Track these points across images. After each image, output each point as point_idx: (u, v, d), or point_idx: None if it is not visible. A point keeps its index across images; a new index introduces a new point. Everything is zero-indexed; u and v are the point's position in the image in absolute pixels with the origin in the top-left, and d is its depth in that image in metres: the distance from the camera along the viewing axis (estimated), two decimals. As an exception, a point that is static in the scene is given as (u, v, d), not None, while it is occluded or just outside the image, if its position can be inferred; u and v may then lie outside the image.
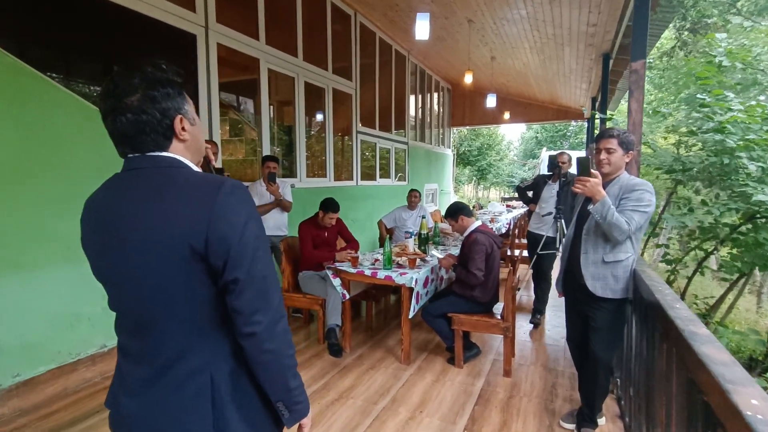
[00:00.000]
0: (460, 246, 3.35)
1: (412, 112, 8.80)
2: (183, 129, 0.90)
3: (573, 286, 2.27)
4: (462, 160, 22.23)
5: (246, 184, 4.08)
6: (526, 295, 5.02)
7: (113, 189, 0.88)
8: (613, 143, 2.07)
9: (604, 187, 2.02)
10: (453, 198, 12.34)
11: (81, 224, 0.92)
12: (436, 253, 3.64)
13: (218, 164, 3.85)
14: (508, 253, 5.71)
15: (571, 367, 3.05)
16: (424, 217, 3.94)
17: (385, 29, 7.03)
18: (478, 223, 3.17)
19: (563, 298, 2.44)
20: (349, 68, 6.21)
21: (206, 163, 1.20)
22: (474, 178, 25.14)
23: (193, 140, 0.94)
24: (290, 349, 0.91)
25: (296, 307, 3.84)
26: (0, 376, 2.38)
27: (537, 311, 4.01)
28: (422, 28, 4.12)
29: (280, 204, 3.92)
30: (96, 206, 0.90)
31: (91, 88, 3.22)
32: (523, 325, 3.97)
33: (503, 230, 6.28)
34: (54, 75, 2.82)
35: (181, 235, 0.80)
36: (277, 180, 3.95)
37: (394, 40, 7.48)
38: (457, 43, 7.19)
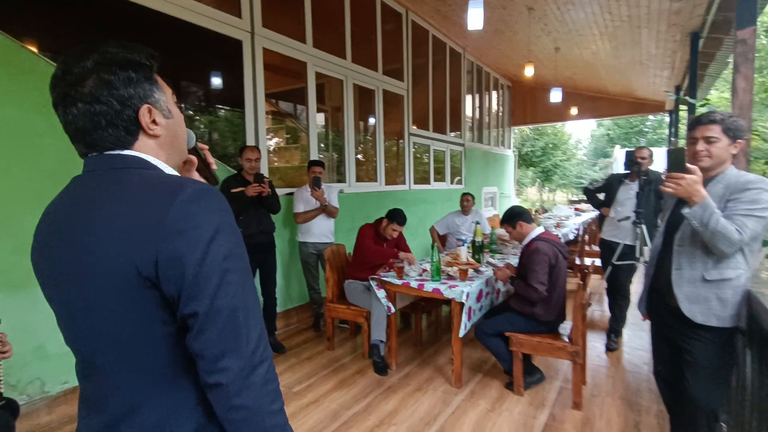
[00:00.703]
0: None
1: (468, 112, 8.39)
2: (153, 122, 0.73)
3: (661, 308, 1.84)
4: (525, 161, 21.13)
5: (293, 189, 4.01)
6: (599, 310, 4.45)
7: (66, 197, 0.73)
8: (714, 130, 1.63)
9: (704, 186, 1.59)
10: (514, 202, 11.67)
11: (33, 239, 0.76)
12: (492, 263, 3.29)
13: (263, 171, 3.79)
14: (577, 261, 5.13)
15: (658, 402, 2.55)
16: (478, 222, 3.59)
17: (438, 26, 6.74)
18: (539, 230, 2.78)
19: (647, 321, 2.00)
20: (401, 69, 6.00)
21: (205, 167, 0.99)
22: (538, 180, 23.82)
23: (169, 137, 0.77)
24: (273, 403, 0.68)
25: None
26: (49, 383, 2.43)
27: (613, 332, 3.48)
28: (475, 17, 3.78)
29: (326, 210, 3.78)
30: (47, 217, 0.74)
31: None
32: (596, 346, 3.46)
33: (571, 236, 5.69)
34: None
35: (125, 256, 0.63)
36: (324, 185, 3.81)
37: (448, 37, 7.16)
38: (516, 34, 6.70)
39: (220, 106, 5.62)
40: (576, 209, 8.08)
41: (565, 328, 2.74)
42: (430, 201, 6.76)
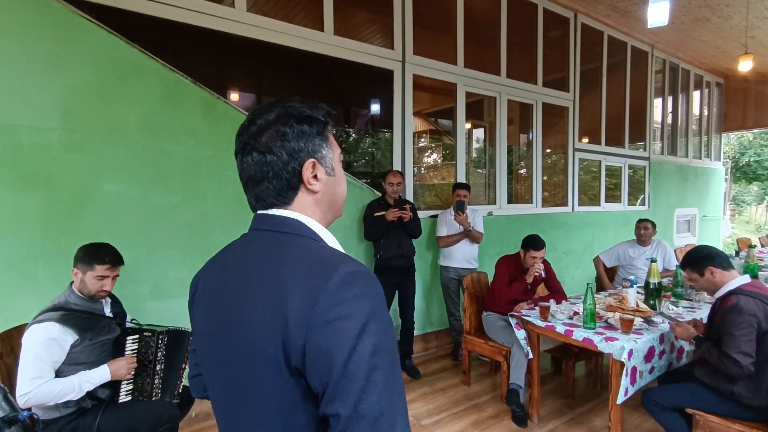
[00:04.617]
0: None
1: (657, 118, 7.03)
2: (314, 177, 0.73)
3: None
4: (744, 174, 16.61)
5: (437, 212, 3.98)
6: None
7: (231, 257, 0.76)
8: None
9: None
10: (724, 226, 9.22)
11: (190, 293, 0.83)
12: (670, 315, 2.62)
13: (408, 194, 3.87)
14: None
15: None
16: (654, 260, 2.89)
17: (616, 25, 5.86)
18: (742, 280, 2.07)
19: None
20: (565, 78, 5.42)
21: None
22: (767, 197, 18.39)
23: (327, 195, 0.76)
24: None
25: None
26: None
27: None
28: (658, 12, 3.12)
29: (469, 235, 3.63)
30: (210, 273, 0.79)
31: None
32: None
33: (814, 281, 4.14)
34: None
35: (276, 342, 0.61)
36: (468, 208, 3.69)
37: (630, 35, 6.15)
38: (729, 20, 5.34)
39: (372, 131, 5.89)
40: (827, 242, 5.90)
41: (788, 421, 1.97)
42: (599, 225, 5.87)
